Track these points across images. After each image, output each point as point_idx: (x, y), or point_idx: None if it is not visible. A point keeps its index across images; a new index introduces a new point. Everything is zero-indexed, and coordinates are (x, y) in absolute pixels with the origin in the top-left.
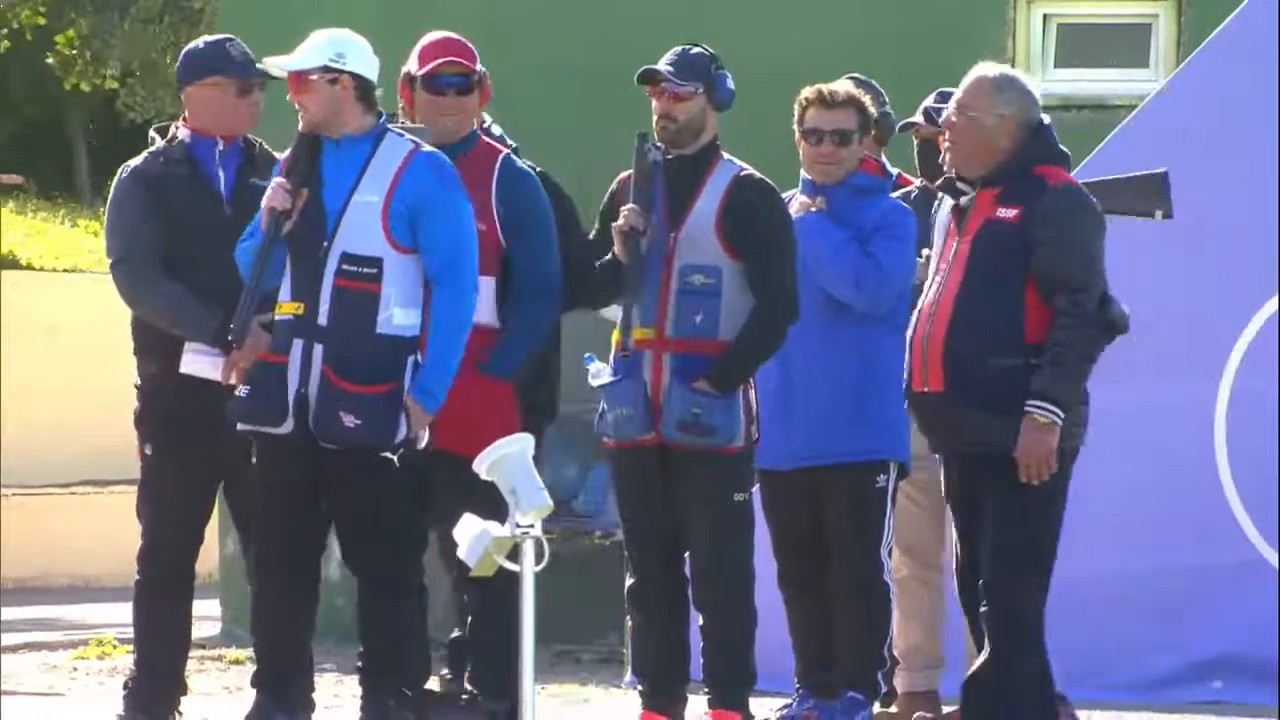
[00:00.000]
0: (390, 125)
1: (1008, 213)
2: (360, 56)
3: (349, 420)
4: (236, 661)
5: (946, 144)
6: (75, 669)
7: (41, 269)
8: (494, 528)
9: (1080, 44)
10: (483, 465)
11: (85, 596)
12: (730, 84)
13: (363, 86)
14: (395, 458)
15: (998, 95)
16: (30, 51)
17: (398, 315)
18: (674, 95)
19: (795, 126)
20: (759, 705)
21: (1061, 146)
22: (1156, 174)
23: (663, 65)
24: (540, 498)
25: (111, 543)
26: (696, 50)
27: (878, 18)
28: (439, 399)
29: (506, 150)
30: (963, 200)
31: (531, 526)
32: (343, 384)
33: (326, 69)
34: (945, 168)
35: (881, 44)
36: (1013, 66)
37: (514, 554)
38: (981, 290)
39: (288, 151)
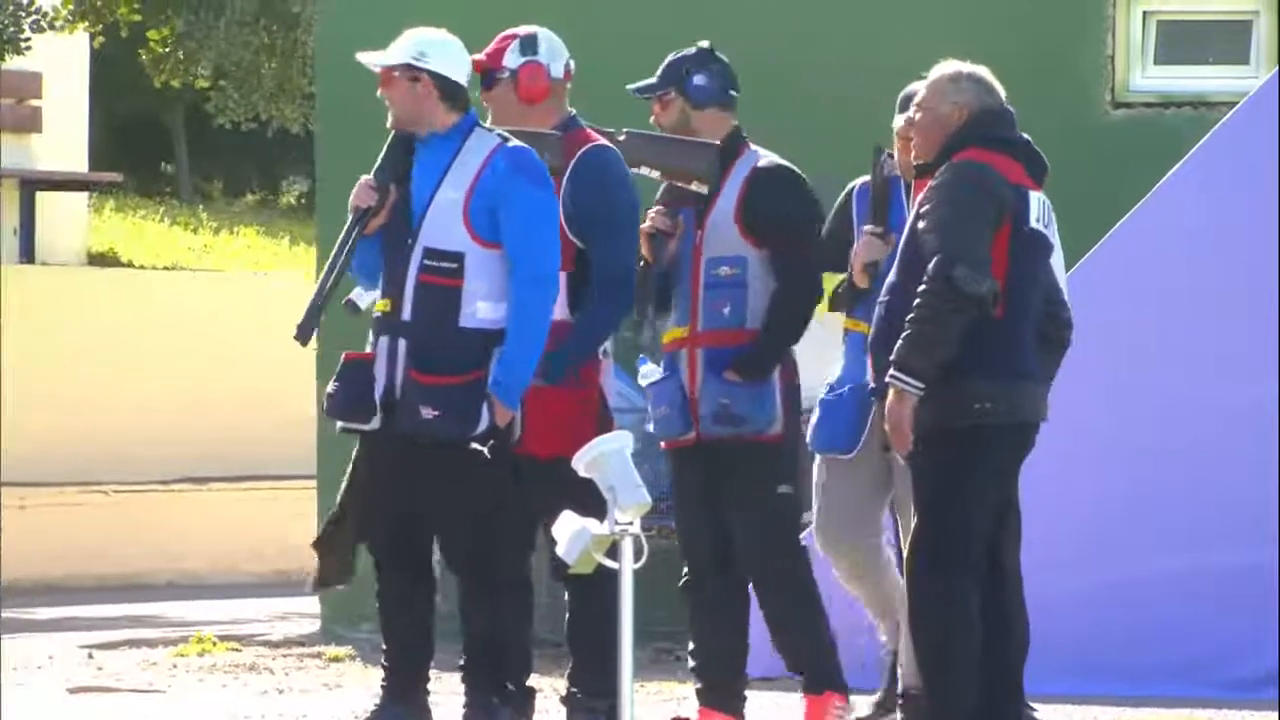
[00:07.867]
0: (481, 123)
1: None
2: (445, 56)
3: (427, 412)
4: (335, 659)
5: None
6: (175, 666)
7: (142, 267)
8: (593, 525)
9: (1180, 41)
10: (581, 462)
11: (186, 594)
12: (699, 80)
13: (445, 86)
14: (486, 450)
15: None
16: (126, 48)
17: (482, 309)
18: (656, 102)
19: None
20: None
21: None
22: (710, 145)
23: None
24: (639, 495)
25: (212, 540)
26: (683, 53)
27: (975, 15)
28: (517, 393)
29: (597, 142)
30: None
31: (630, 524)
32: (421, 377)
33: (409, 66)
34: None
35: (980, 41)
36: (1112, 63)
37: (613, 551)
38: None
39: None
